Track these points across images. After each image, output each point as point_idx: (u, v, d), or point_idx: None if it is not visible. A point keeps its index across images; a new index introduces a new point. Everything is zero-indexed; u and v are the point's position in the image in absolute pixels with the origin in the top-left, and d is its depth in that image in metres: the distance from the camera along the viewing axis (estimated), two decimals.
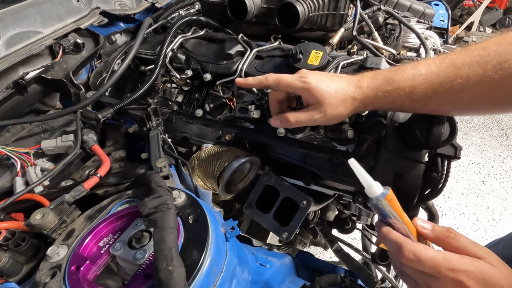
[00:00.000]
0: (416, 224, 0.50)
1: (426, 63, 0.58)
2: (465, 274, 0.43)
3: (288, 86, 0.65)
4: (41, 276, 0.45)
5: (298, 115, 0.65)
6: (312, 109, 0.64)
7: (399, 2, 1.15)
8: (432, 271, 0.44)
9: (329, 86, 0.62)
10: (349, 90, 0.62)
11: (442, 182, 0.71)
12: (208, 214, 0.50)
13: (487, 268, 0.44)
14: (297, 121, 0.65)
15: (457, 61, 0.54)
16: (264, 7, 0.96)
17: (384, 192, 0.47)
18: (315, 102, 0.63)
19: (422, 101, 0.58)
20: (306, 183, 0.81)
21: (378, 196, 0.47)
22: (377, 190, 0.48)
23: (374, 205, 0.48)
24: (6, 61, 0.85)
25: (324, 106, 0.62)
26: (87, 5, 1.09)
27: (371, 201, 0.48)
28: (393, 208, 0.48)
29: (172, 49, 0.94)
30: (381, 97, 0.60)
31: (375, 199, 0.47)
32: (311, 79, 0.63)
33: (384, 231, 0.50)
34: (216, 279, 0.46)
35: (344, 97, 0.62)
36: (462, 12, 3.79)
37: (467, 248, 0.46)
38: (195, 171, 0.78)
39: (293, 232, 0.71)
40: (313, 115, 0.64)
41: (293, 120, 0.65)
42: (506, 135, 2.88)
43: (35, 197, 0.63)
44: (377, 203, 0.48)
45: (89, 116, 0.79)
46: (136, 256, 0.46)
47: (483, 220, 2.19)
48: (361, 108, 0.64)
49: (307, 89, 0.62)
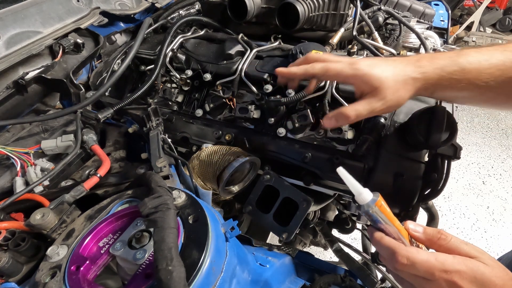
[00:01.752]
0: (408, 228, 0.50)
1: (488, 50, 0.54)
2: (458, 274, 0.43)
3: (337, 74, 0.59)
4: (41, 276, 0.45)
5: (356, 108, 0.57)
6: (370, 97, 0.57)
7: (399, 2, 1.15)
8: (426, 274, 0.44)
9: (385, 70, 0.56)
10: (408, 71, 0.56)
11: (442, 182, 0.71)
12: (208, 214, 0.50)
13: (479, 266, 0.44)
14: (357, 115, 0.57)
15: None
16: (264, 7, 0.96)
17: (374, 199, 0.47)
18: (371, 89, 0.56)
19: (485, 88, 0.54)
20: (306, 183, 0.81)
21: (368, 202, 0.47)
22: (367, 197, 0.47)
23: (366, 212, 0.48)
24: (6, 61, 0.85)
25: (383, 91, 0.55)
26: (87, 5, 1.09)
27: (362, 208, 0.48)
28: (383, 213, 0.48)
29: (172, 49, 0.94)
30: (445, 78, 0.55)
31: (366, 205, 0.47)
32: (363, 65, 0.57)
33: (377, 237, 0.50)
34: (216, 279, 0.46)
35: (404, 78, 0.56)
36: (462, 12, 3.80)
37: (459, 248, 0.46)
38: (195, 171, 0.78)
39: (293, 232, 0.71)
40: (372, 104, 0.56)
41: (353, 114, 0.57)
42: (506, 135, 2.88)
43: (35, 197, 0.63)
44: (367, 210, 0.48)
45: (89, 116, 0.79)
46: (136, 256, 0.46)
47: (483, 220, 2.19)
48: (422, 90, 0.57)
49: (359, 76, 0.56)
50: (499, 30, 3.79)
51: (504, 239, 2.06)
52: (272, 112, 0.83)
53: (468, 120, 3.02)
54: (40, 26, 0.96)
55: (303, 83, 0.82)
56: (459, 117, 2.13)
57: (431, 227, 0.50)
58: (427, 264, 0.44)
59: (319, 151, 0.79)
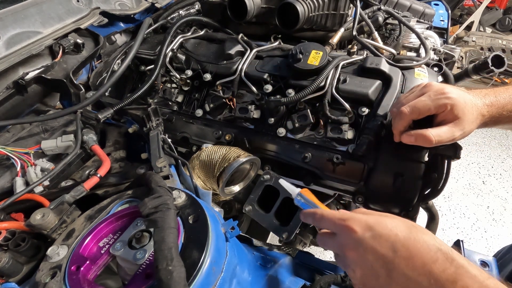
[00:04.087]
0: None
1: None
2: (352, 220, 0.48)
3: (429, 109, 0.62)
4: (41, 276, 0.45)
5: (440, 134, 0.61)
6: (453, 126, 0.61)
7: (399, 2, 1.15)
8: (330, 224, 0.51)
9: (466, 101, 0.61)
10: (479, 107, 0.62)
11: (442, 182, 0.71)
12: (208, 214, 0.50)
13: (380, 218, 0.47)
14: (438, 141, 0.61)
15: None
16: (264, 7, 0.96)
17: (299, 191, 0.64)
18: (454, 119, 0.61)
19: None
20: (306, 183, 0.81)
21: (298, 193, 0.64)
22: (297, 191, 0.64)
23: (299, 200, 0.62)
24: (6, 61, 0.85)
25: (464, 122, 0.60)
26: (87, 5, 1.09)
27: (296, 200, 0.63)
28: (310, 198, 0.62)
29: (172, 49, 0.94)
30: (505, 115, 0.62)
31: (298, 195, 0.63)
32: (454, 93, 0.61)
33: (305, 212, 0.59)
34: (216, 279, 0.46)
35: (477, 113, 0.61)
36: (462, 12, 3.79)
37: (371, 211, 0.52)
38: (195, 171, 0.78)
39: (293, 232, 0.71)
40: (454, 132, 0.61)
41: (436, 139, 0.60)
42: (506, 135, 2.88)
43: (35, 197, 0.63)
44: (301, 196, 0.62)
45: (89, 116, 0.79)
46: (136, 256, 0.46)
47: (483, 220, 2.19)
48: (482, 124, 0.64)
49: (452, 105, 0.60)
50: (499, 30, 3.79)
51: (504, 239, 2.06)
52: (272, 112, 0.83)
53: None
54: (40, 26, 0.96)
55: (303, 83, 0.82)
56: None
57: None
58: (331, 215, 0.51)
59: (319, 151, 0.79)
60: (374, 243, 0.45)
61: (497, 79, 2.83)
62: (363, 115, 0.78)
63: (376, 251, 0.44)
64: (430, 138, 0.61)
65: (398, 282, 0.42)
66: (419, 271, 0.41)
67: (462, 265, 0.39)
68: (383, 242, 0.44)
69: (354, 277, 0.47)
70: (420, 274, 0.40)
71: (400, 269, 0.42)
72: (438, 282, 0.39)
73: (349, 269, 0.48)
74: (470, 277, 0.38)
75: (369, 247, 0.45)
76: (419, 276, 0.40)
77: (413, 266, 0.41)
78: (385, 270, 0.43)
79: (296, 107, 0.83)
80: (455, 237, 2.04)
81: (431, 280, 0.39)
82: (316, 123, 0.81)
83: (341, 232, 0.49)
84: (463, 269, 0.39)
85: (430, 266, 0.40)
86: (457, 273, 0.39)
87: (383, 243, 0.44)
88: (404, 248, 0.43)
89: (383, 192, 0.74)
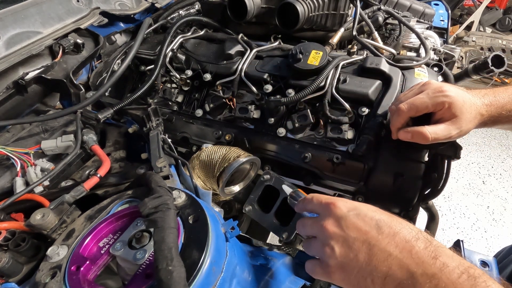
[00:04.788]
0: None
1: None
2: (338, 199, 0.49)
3: (426, 107, 0.63)
4: (41, 276, 0.45)
5: (436, 131, 0.61)
6: (450, 124, 0.61)
7: (399, 2, 1.15)
8: (316, 204, 0.52)
9: (465, 100, 0.61)
10: (478, 106, 0.62)
11: (442, 182, 0.71)
12: (208, 214, 0.50)
13: (361, 203, 0.50)
14: (435, 138, 0.61)
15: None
16: (264, 7, 0.96)
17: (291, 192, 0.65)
18: (452, 117, 0.61)
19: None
20: (306, 183, 0.81)
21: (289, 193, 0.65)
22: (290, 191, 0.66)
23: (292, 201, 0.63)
24: (6, 61, 0.85)
25: (461, 121, 0.61)
26: (87, 5, 1.09)
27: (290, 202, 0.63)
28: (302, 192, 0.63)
29: (172, 49, 0.94)
30: (504, 115, 0.63)
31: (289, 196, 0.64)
32: (452, 91, 0.61)
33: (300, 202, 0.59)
34: (216, 279, 0.46)
35: (475, 113, 0.62)
36: (462, 12, 3.79)
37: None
38: (195, 171, 0.78)
39: (293, 232, 0.71)
40: (450, 131, 0.61)
41: (432, 136, 0.61)
42: (506, 135, 2.88)
43: (35, 197, 0.63)
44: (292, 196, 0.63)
45: (89, 116, 0.79)
46: (136, 256, 0.46)
47: (483, 220, 2.19)
48: (481, 124, 0.64)
49: (449, 103, 0.60)
50: (499, 30, 3.79)
51: (504, 239, 2.06)
52: (272, 112, 0.83)
53: None
54: (40, 26, 0.96)
55: (303, 83, 0.82)
56: None
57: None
58: (319, 196, 0.52)
59: (319, 151, 0.79)
60: (358, 220, 0.45)
61: (497, 79, 2.83)
62: (363, 115, 0.78)
63: (360, 227, 0.45)
64: (426, 135, 0.61)
65: (378, 259, 0.41)
66: (401, 247, 0.41)
67: (440, 245, 0.41)
68: (367, 220, 0.45)
69: (331, 255, 0.45)
70: (402, 250, 0.41)
71: (382, 246, 0.42)
72: (420, 258, 0.39)
73: (326, 248, 0.46)
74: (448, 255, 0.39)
75: (352, 223, 0.45)
76: (401, 252, 0.41)
77: (395, 243, 0.42)
78: (366, 247, 0.43)
79: (296, 107, 0.83)
80: (455, 237, 2.04)
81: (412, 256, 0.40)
82: (316, 123, 0.81)
83: (325, 210, 0.49)
84: (441, 249, 0.40)
85: (412, 243, 0.41)
86: (437, 250, 0.40)
87: (368, 221, 0.45)
88: (388, 226, 0.44)
89: (383, 192, 0.74)
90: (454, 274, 0.37)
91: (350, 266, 0.43)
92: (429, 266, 0.38)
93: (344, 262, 0.44)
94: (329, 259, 0.45)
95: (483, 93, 0.64)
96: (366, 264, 0.42)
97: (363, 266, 0.42)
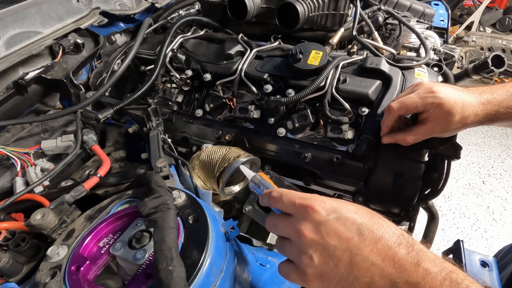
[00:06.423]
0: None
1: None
2: (314, 201, 0.44)
3: (416, 107, 0.64)
4: (41, 276, 0.45)
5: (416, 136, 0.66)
6: (433, 125, 0.64)
7: (399, 2, 1.15)
8: (289, 204, 0.46)
9: (456, 101, 0.61)
10: (473, 106, 0.62)
11: (442, 182, 0.71)
12: (208, 214, 0.50)
13: (343, 202, 0.45)
14: (415, 139, 0.66)
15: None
16: (264, 7, 0.96)
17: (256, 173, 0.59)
18: (437, 117, 0.62)
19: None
20: (306, 183, 0.81)
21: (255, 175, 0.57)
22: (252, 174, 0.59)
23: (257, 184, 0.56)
24: (6, 61, 0.85)
25: (447, 122, 0.62)
26: (87, 5, 1.09)
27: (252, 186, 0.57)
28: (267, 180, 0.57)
29: (172, 49, 0.94)
30: (501, 112, 0.62)
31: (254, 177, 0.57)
32: (442, 92, 0.61)
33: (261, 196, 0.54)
34: (216, 279, 0.46)
35: (468, 113, 0.61)
36: (462, 12, 3.79)
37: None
38: (195, 171, 0.78)
39: None
40: (432, 131, 0.64)
41: (412, 140, 0.67)
42: (506, 135, 2.88)
43: (35, 197, 0.63)
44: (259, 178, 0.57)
45: (89, 116, 0.79)
46: (136, 256, 0.46)
47: (483, 220, 2.19)
48: (476, 123, 0.64)
49: (438, 104, 0.61)
50: (499, 30, 3.79)
51: (504, 239, 2.06)
52: (272, 112, 0.83)
53: None
54: (40, 26, 0.96)
55: (303, 83, 0.82)
56: None
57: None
58: (290, 194, 0.47)
59: (319, 151, 0.79)
60: (339, 226, 0.42)
61: (497, 79, 2.83)
62: (363, 115, 0.78)
63: (341, 234, 0.41)
64: (407, 140, 0.67)
65: (360, 269, 0.39)
66: (384, 255, 0.39)
67: (421, 249, 0.40)
68: (348, 224, 0.42)
69: (309, 264, 0.42)
70: (384, 258, 0.39)
71: (364, 255, 0.40)
72: (402, 266, 0.38)
73: (303, 256, 0.42)
74: (430, 260, 0.39)
75: (332, 229, 0.42)
76: (383, 260, 0.39)
77: (378, 250, 0.40)
78: (348, 256, 0.40)
79: (296, 107, 0.83)
80: (455, 237, 2.04)
81: (395, 264, 0.39)
82: (316, 123, 0.81)
83: (300, 212, 0.44)
84: (423, 253, 0.39)
85: (395, 250, 0.39)
86: (419, 256, 0.39)
87: (349, 226, 0.42)
88: (370, 231, 0.41)
89: (383, 192, 0.74)
90: (437, 281, 0.36)
91: (330, 275, 0.41)
92: (411, 274, 0.38)
93: (324, 271, 0.41)
94: (307, 267, 0.42)
95: (481, 91, 0.64)
96: (347, 274, 0.40)
97: (344, 276, 0.40)
